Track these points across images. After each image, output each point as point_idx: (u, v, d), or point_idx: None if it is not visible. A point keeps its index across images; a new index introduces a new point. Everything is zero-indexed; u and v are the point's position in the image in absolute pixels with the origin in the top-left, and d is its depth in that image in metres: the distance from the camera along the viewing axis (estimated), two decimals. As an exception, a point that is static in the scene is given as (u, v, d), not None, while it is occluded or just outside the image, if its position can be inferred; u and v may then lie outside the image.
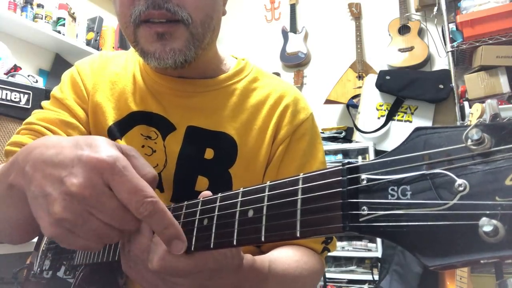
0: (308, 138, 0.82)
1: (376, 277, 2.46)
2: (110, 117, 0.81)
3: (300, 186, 0.35)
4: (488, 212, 0.23)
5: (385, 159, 0.28)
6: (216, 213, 0.45)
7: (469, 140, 0.24)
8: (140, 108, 0.81)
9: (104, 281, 0.75)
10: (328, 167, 0.35)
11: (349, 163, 0.31)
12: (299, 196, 0.34)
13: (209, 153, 0.78)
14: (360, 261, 2.72)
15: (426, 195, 0.26)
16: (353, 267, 2.70)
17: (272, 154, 0.79)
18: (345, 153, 2.80)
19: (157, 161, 0.78)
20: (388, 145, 2.76)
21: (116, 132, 0.79)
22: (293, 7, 3.56)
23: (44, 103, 0.85)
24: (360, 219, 0.28)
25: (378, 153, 2.79)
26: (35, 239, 0.93)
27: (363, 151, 2.74)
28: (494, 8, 2.42)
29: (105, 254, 0.65)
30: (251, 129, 0.80)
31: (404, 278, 2.28)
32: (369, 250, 2.60)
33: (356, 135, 2.88)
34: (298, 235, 0.33)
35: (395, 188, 0.27)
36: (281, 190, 0.37)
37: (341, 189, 0.30)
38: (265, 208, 0.38)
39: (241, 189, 0.43)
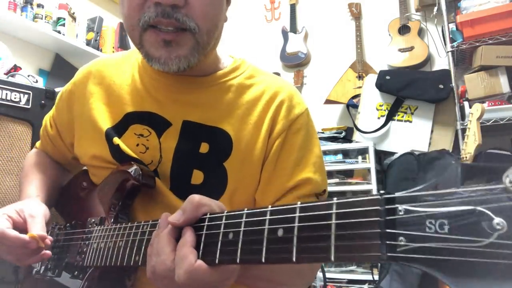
0: (304, 133, 0.84)
1: (376, 277, 2.48)
2: (107, 121, 0.84)
3: (334, 211, 0.35)
4: (527, 252, 0.24)
5: (423, 193, 0.29)
6: (242, 228, 0.46)
7: (508, 181, 0.25)
8: (135, 108, 0.83)
9: (112, 282, 0.76)
10: (364, 195, 0.36)
11: (386, 193, 0.32)
12: (333, 221, 0.35)
13: (204, 147, 0.80)
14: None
15: (464, 231, 0.26)
16: (353, 267, 2.72)
17: (268, 149, 0.81)
18: (345, 153, 2.81)
19: (151, 158, 0.80)
20: (388, 145, 2.78)
21: (113, 134, 0.82)
22: (293, 7, 3.56)
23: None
24: (398, 249, 0.29)
25: (378, 153, 2.80)
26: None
27: (363, 151, 2.74)
28: (494, 8, 2.43)
29: (119, 258, 0.66)
30: (247, 124, 0.81)
31: (404, 278, 2.30)
32: (370, 250, 2.61)
33: (356, 135, 2.89)
34: (332, 259, 0.34)
35: (433, 221, 0.28)
36: (314, 213, 0.38)
37: (379, 218, 0.31)
38: (296, 228, 0.39)
39: (269, 208, 0.44)
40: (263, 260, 0.42)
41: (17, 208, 0.80)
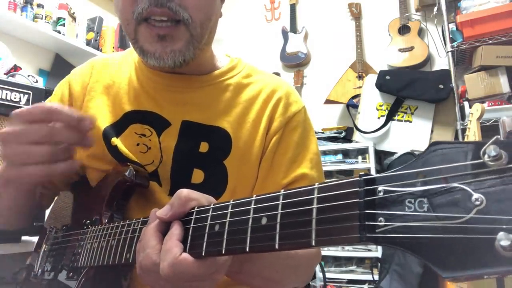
0: (301, 130, 0.84)
1: (376, 277, 2.47)
2: (105, 120, 0.83)
3: (316, 195, 0.35)
4: (505, 226, 0.23)
5: (402, 172, 0.29)
6: (228, 219, 0.46)
7: (486, 156, 0.25)
8: (134, 107, 0.83)
9: (108, 283, 0.75)
10: (342, 180, 0.35)
11: (366, 174, 0.31)
12: (315, 205, 0.35)
13: (204, 147, 0.80)
14: (360, 261, 2.73)
15: (443, 209, 0.26)
16: (353, 267, 2.71)
17: (266, 146, 0.81)
18: (345, 153, 2.81)
19: (152, 157, 0.80)
20: (388, 145, 2.77)
21: (111, 133, 0.82)
22: (293, 7, 3.56)
23: None
24: (377, 230, 0.29)
25: (378, 153, 2.80)
26: (36, 240, 0.94)
27: (363, 151, 2.74)
28: (494, 8, 2.43)
29: (111, 257, 0.66)
30: (245, 122, 0.81)
31: (404, 278, 2.29)
32: (369, 250, 2.61)
33: (356, 135, 2.89)
34: (313, 243, 0.33)
35: (412, 200, 0.27)
36: (296, 199, 0.37)
37: (358, 200, 0.31)
38: (279, 216, 0.38)
39: (254, 197, 0.43)
40: (247, 249, 0.41)
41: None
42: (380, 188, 0.29)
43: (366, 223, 0.29)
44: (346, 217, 0.31)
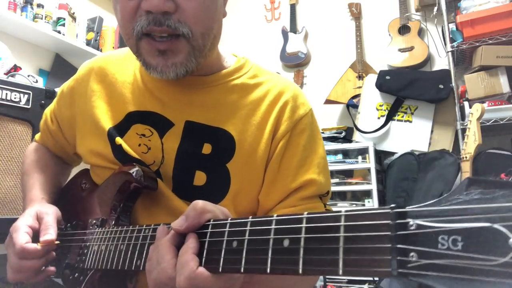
0: (308, 133, 0.83)
1: (376, 277, 2.48)
2: (110, 121, 0.83)
3: (343, 223, 0.35)
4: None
5: (435, 208, 0.29)
6: (246, 237, 0.46)
7: (527, 199, 0.25)
8: (137, 108, 0.83)
9: (114, 285, 0.75)
10: (373, 208, 0.35)
11: (397, 206, 0.31)
12: (342, 234, 0.35)
13: (207, 148, 0.79)
14: (360, 260, 2.73)
15: (478, 249, 0.26)
16: (353, 266, 2.71)
17: (272, 150, 0.80)
18: (345, 153, 2.81)
19: (153, 158, 0.80)
20: (388, 145, 2.78)
21: (115, 134, 0.82)
22: (293, 7, 3.55)
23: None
24: (408, 265, 0.29)
25: (378, 153, 2.80)
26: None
27: (363, 151, 2.74)
28: (494, 8, 2.43)
29: (120, 262, 0.66)
30: (250, 125, 0.80)
31: (405, 277, 2.30)
32: (370, 250, 2.61)
33: (356, 135, 2.89)
34: (340, 273, 0.33)
35: (446, 237, 0.27)
36: (321, 224, 0.37)
37: (389, 233, 0.31)
38: (302, 240, 0.38)
39: (275, 217, 0.43)
40: (268, 270, 0.41)
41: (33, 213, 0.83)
42: (412, 222, 0.30)
43: (398, 258, 0.29)
44: (377, 250, 0.31)
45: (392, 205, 0.32)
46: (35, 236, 0.78)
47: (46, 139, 1.02)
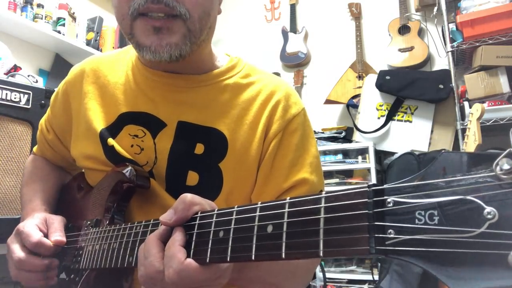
0: (301, 133, 0.82)
1: (376, 277, 2.47)
2: (102, 122, 0.83)
3: (323, 205, 0.35)
4: (518, 241, 0.23)
5: (412, 183, 0.28)
6: (232, 226, 0.46)
7: (499, 169, 0.25)
8: (129, 108, 0.83)
9: (109, 284, 0.75)
10: (352, 188, 0.35)
11: (374, 184, 0.31)
12: (322, 215, 0.34)
13: (199, 148, 0.79)
14: (360, 261, 2.73)
15: (454, 222, 0.26)
16: (353, 267, 2.71)
17: (264, 150, 0.80)
18: (345, 153, 2.81)
19: (146, 159, 0.80)
20: (388, 145, 2.77)
21: (107, 135, 0.81)
22: (293, 7, 3.55)
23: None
24: (387, 242, 0.28)
25: (378, 153, 2.80)
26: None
27: (363, 151, 2.74)
28: (494, 8, 2.43)
29: (113, 260, 0.66)
30: (242, 125, 0.80)
31: (404, 278, 2.29)
32: (370, 250, 2.60)
33: (356, 135, 2.89)
34: (321, 254, 0.33)
35: (422, 212, 0.27)
36: (302, 208, 0.37)
37: (367, 211, 0.30)
38: (285, 224, 0.38)
39: (259, 204, 0.43)
40: (253, 257, 0.41)
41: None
42: (389, 199, 0.29)
43: (376, 235, 0.29)
44: (355, 228, 0.31)
45: (370, 183, 0.31)
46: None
47: (45, 150, 1.01)
